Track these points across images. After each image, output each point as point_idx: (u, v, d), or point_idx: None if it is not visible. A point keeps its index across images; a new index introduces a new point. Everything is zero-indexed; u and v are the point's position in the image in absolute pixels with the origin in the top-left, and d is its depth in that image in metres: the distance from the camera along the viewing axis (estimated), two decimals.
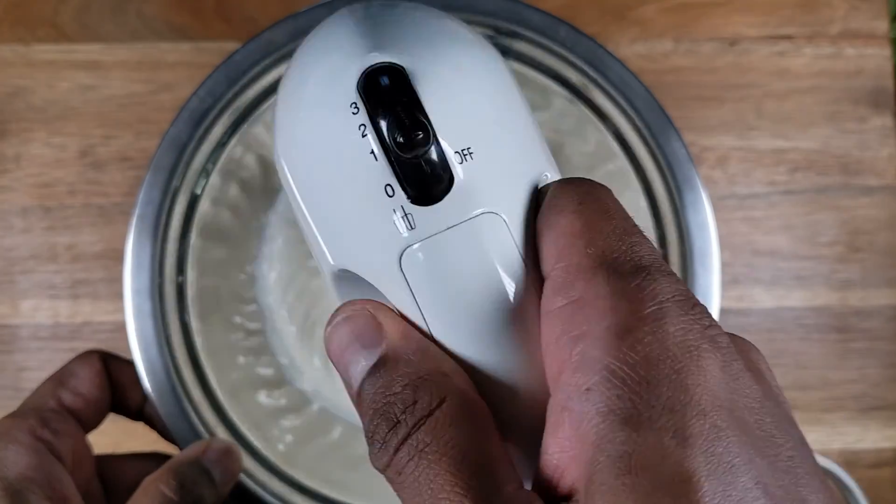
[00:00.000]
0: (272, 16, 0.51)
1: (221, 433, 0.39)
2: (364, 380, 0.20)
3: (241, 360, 0.44)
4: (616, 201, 0.22)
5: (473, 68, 0.22)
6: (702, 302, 0.19)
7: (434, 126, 0.20)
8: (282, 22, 0.38)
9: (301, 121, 0.22)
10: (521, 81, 0.41)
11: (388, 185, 0.20)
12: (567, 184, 0.22)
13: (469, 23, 0.39)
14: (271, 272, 0.47)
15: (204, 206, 0.40)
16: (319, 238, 0.22)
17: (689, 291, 0.19)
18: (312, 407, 0.47)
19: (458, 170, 0.21)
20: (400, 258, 0.21)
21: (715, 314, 0.39)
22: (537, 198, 0.22)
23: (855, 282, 0.52)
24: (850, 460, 0.52)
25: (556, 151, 0.47)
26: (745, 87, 0.52)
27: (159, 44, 0.52)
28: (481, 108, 0.22)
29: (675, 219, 0.39)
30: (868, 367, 0.52)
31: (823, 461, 0.45)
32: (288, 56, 0.39)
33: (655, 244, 0.40)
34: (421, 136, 0.20)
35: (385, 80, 0.21)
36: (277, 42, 0.38)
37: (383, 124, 0.20)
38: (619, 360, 0.18)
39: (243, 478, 0.38)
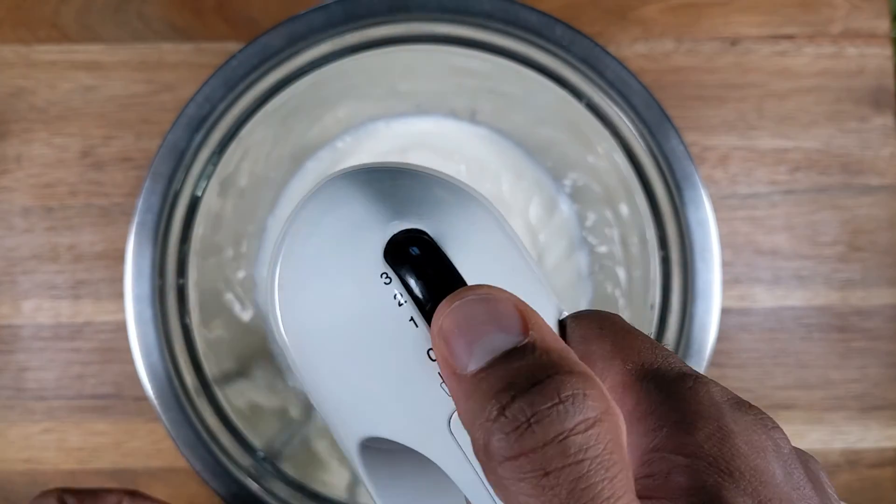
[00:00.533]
0: (273, 16, 0.51)
1: (224, 438, 0.39)
2: (499, 357, 0.18)
3: (243, 363, 0.44)
4: (628, 322, 0.21)
5: (483, 223, 0.22)
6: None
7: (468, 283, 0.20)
8: (279, 26, 0.38)
9: (320, 293, 0.22)
10: (520, 81, 0.41)
11: (430, 349, 0.20)
12: (581, 317, 0.22)
13: (465, 24, 0.39)
14: None
15: (204, 211, 0.40)
16: (345, 407, 0.22)
17: (737, 395, 0.19)
18: (314, 408, 0.47)
19: None
20: (449, 422, 0.20)
21: (716, 312, 0.39)
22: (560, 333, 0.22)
23: (856, 281, 0.52)
24: (852, 460, 0.52)
25: (555, 151, 0.47)
26: (746, 86, 0.52)
27: (160, 44, 0.52)
28: (500, 259, 0.22)
29: (675, 216, 0.39)
30: (869, 366, 0.52)
31: None
32: (285, 60, 0.39)
33: (656, 245, 0.40)
34: None
35: (413, 247, 0.21)
36: (274, 47, 0.38)
37: (419, 290, 0.20)
38: (696, 455, 0.18)
39: (246, 480, 0.39)
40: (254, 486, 0.39)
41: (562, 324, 0.22)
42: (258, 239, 0.47)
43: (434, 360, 0.20)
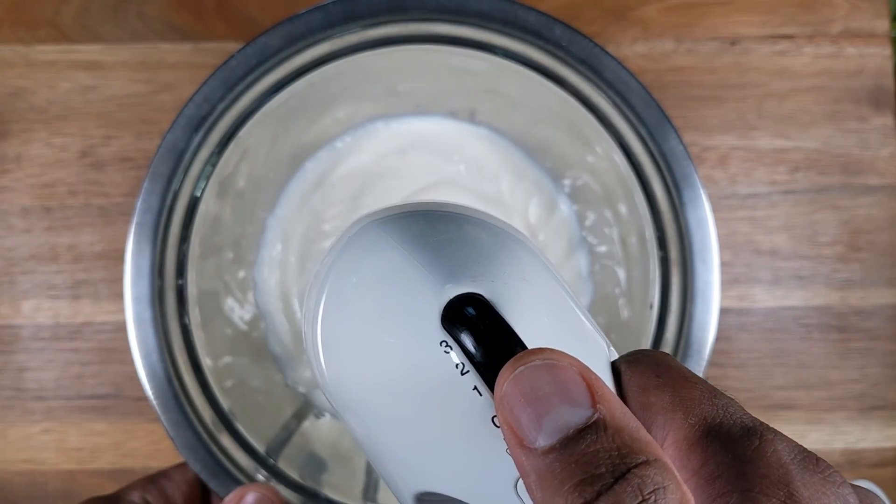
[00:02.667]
0: (273, 16, 0.51)
1: (225, 439, 0.39)
2: (571, 436, 0.18)
3: (243, 364, 0.44)
4: (682, 365, 0.21)
5: (530, 270, 0.22)
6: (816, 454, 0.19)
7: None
8: (278, 26, 0.38)
9: (371, 350, 0.21)
10: (519, 81, 0.41)
11: (495, 416, 0.20)
12: (635, 362, 0.21)
13: (464, 24, 0.39)
14: (271, 277, 0.48)
15: (203, 211, 0.40)
16: (402, 463, 0.22)
17: (803, 447, 0.19)
18: (313, 410, 0.47)
19: None
20: (515, 485, 0.20)
21: (715, 312, 0.39)
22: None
23: (855, 281, 0.52)
24: (852, 460, 0.52)
25: (554, 151, 0.47)
26: (745, 86, 0.52)
27: (160, 44, 0.52)
28: (551, 311, 0.22)
29: (674, 216, 0.39)
30: (869, 366, 0.52)
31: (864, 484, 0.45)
32: (284, 60, 0.39)
33: (656, 244, 0.40)
34: None
35: (472, 314, 0.20)
36: (273, 47, 0.38)
37: (482, 360, 0.20)
38: None
39: (246, 481, 0.39)
40: None
41: (614, 367, 0.22)
42: (258, 239, 0.47)
43: (498, 427, 0.20)
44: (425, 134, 0.48)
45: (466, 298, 0.20)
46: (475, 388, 0.20)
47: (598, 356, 0.22)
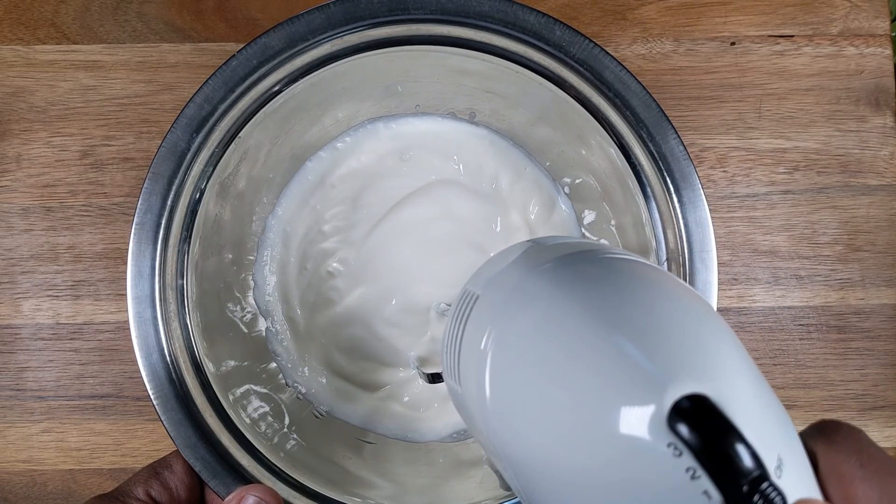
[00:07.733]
0: (273, 16, 0.51)
1: (225, 438, 0.39)
2: None
3: (243, 363, 0.44)
4: (881, 449, 0.21)
5: (736, 362, 0.21)
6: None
7: (759, 454, 0.19)
8: (278, 27, 0.38)
9: (588, 456, 0.21)
10: (519, 81, 0.41)
11: None
12: (833, 445, 0.21)
13: (464, 25, 0.39)
14: (271, 277, 0.48)
15: (203, 212, 0.40)
16: None
17: None
18: (311, 409, 0.47)
19: (784, 490, 0.20)
20: None
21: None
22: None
23: (855, 281, 0.52)
24: None
25: (553, 151, 0.47)
26: (744, 87, 0.52)
27: (160, 44, 0.52)
28: (764, 407, 0.21)
29: (673, 216, 0.39)
30: (868, 366, 0.52)
31: None
32: (285, 61, 0.39)
33: (655, 244, 0.40)
34: (758, 472, 0.19)
35: (697, 414, 0.20)
36: (274, 47, 0.38)
37: (715, 465, 0.19)
38: None
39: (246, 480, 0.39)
40: None
41: (806, 447, 0.21)
42: (258, 239, 0.48)
43: None
44: (425, 134, 0.48)
45: (695, 400, 0.20)
46: (705, 492, 0.19)
47: (798, 442, 0.21)
